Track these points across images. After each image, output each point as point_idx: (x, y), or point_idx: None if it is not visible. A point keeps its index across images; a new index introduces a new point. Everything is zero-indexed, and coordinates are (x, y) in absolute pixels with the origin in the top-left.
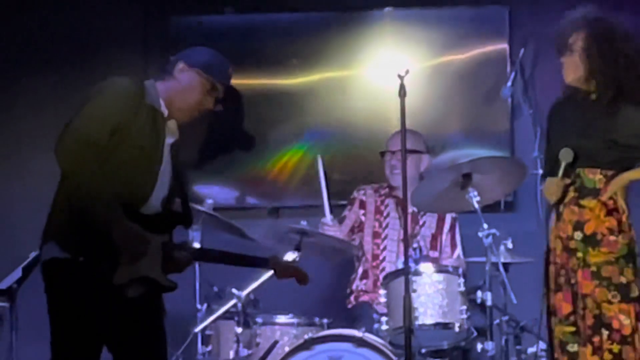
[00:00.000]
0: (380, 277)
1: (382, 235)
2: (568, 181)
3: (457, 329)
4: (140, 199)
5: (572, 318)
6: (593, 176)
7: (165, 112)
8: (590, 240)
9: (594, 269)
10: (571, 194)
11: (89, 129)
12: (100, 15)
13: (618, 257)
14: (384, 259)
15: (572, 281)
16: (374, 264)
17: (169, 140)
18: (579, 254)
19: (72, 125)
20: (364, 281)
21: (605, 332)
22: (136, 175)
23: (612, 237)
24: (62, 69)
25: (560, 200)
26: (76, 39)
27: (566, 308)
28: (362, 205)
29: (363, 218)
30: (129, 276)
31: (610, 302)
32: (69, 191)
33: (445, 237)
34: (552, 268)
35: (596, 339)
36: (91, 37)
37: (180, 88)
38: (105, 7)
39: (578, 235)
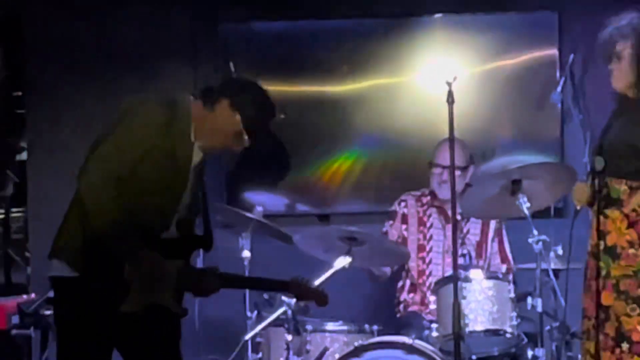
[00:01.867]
0: (428, 294)
1: (427, 248)
2: (595, 188)
3: (507, 336)
4: (162, 226)
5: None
6: (619, 186)
7: (193, 137)
8: (611, 252)
9: (613, 281)
10: (599, 202)
11: (113, 163)
12: (148, 25)
13: (636, 271)
14: (430, 274)
15: (593, 289)
16: (420, 280)
17: (195, 160)
18: (602, 264)
19: (97, 155)
20: (411, 295)
21: (625, 345)
22: (159, 202)
23: (631, 250)
24: (110, 81)
25: (590, 205)
26: (124, 50)
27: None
28: (404, 219)
29: (405, 233)
30: (140, 303)
31: (629, 316)
32: (84, 215)
33: (490, 243)
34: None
35: (617, 350)
36: (139, 47)
37: (215, 125)
38: (153, 16)
39: (601, 245)
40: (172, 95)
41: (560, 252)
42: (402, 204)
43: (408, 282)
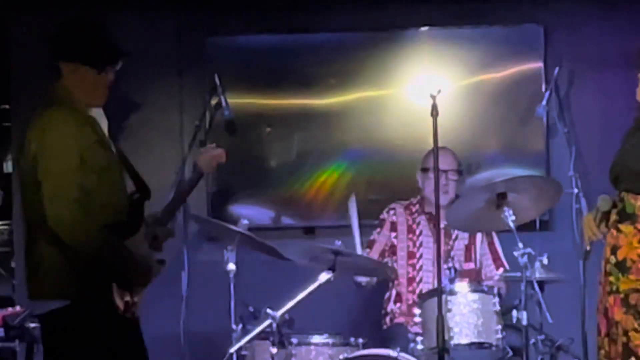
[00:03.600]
0: (415, 301)
1: (417, 255)
2: (604, 229)
3: (493, 349)
4: (122, 211)
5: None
6: (634, 201)
7: (89, 111)
8: (621, 266)
9: (622, 296)
10: (613, 216)
11: (69, 186)
12: (135, 36)
13: None
14: (420, 280)
15: (607, 305)
16: (410, 288)
17: (105, 129)
18: (612, 278)
19: (48, 189)
20: (398, 305)
21: None
22: (111, 192)
23: None
24: None
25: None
26: None
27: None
28: (394, 227)
29: (395, 241)
30: (142, 297)
31: (637, 331)
32: (61, 245)
33: (479, 245)
34: (599, 288)
35: None
36: (124, 59)
37: (81, 86)
38: (140, 27)
39: (612, 259)
40: (51, 93)
41: (545, 261)
42: (391, 212)
43: (394, 292)
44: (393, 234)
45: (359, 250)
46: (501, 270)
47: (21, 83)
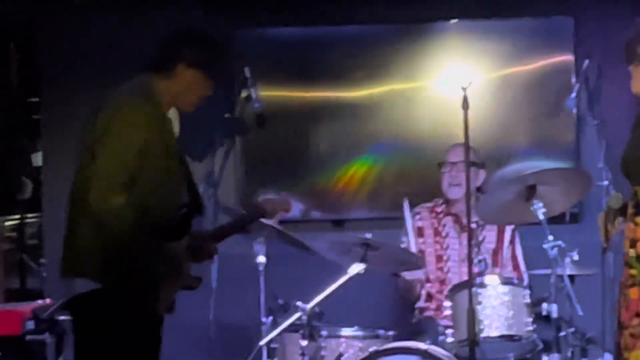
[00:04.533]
0: (444, 302)
1: (445, 257)
2: (616, 227)
3: (523, 341)
4: (170, 214)
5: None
6: None
7: (166, 112)
8: None
9: None
10: (630, 209)
11: (117, 171)
12: (164, 30)
13: None
14: (448, 282)
15: (628, 298)
16: (439, 289)
17: (175, 133)
18: (633, 271)
19: (99, 167)
20: (427, 304)
21: None
22: (164, 193)
23: None
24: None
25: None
26: (139, 55)
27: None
28: (420, 232)
29: (423, 247)
30: (172, 297)
31: None
32: (98, 227)
33: (506, 251)
34: (620, 281)
35: None
36: (153, 53)
37: (182, 88)
38: (169, 21)
39: (632, 252)
40: (136, 81)
41: (575, 257)
42: (417, 217)
43: (424, 292)
44: (420, 240)
45: (413, 249)
46: (516, 273)
47: (51, 76)
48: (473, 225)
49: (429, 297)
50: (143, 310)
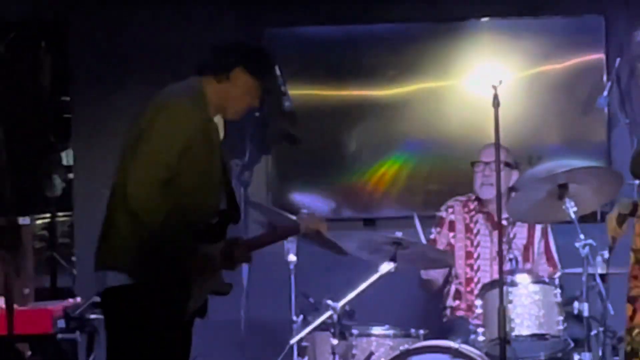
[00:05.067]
0: (475, 302)
1: (475, 255)
2: (624, 230)
3: (554, 340)
4: (207, 217)
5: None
6: None
7: (215, 117)
8: None
9: None
10: None
11: (157, 167)
12: (195, 28)
13: None
14: (478, 281)
15: (636, 294)
16: (468, 288)
17: (219, 139)
18: None
19: (140, 161)
20: (457, 302)
21: None
22: (202, 196)
23: None
24: (157, 84)
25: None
26: (170, 53)
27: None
28: (452, 226)
29: (453, 241)
30: (202, 300)
31: None
32: (135, 220)
33: (537, 246)
34: (629, 278)
35: None
36: (185, 50)
37: (236, 93)
38: (199, 19)
39: None
40: (187, 83)
41: (607, 256)
42: (450, 210)
43: (453, 287)
44: (451, 234)
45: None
46: (552, 270)
47: (81, 75)
48: (504, 222)
49: (459, 295)
50: (173, 309)
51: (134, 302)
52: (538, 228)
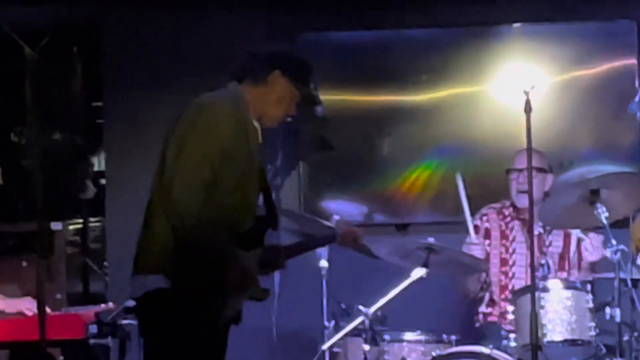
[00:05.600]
0: (507, 308)
1: (510, 262)
2: None
3: (586, 346)
4: (245, 222)
5: None
6: None
7: (255, 122)
8: None
9: None
10: None
11: (199, 168)
12: (227, 33)
13: None
14: (512, 288)
15: None
16: (502, 295)
17: (257, 144)
18: None
19: (181, 162)
20: (490, 309)
21: None
22: (240, 199)
23: None
24: (189, 89)
25: None
26: (203, 58)
27: None
28: (487, 234)
29: (488, 248)
30: (239, 305)
31: None
32: (175, 223)
33: (572, 255)
34: None
35: None
36: (218, 55)
37: (273, 97)
38: (232, 24)
39: None
40: (226, 88)
41: (639, 261)
42: (484, 218)
43: (487, 295)
44: (487, 242)
45: (471, 231)
46: (582, 272)
47: (114, 81)
48: (540, 230)
49: (492, 302)
50: (210, 313)
51: (172, 306)
52: (574, 237)
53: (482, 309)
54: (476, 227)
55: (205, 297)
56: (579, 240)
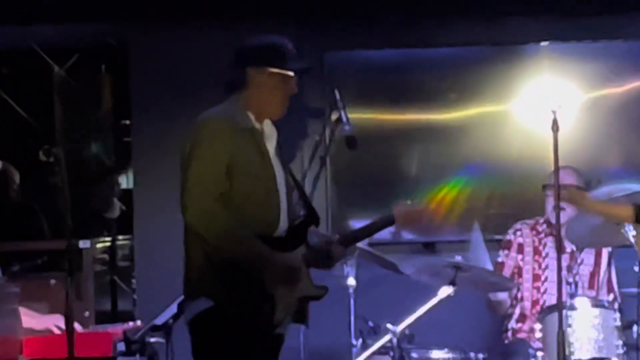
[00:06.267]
0: (536, 326)
1: (542, 278)
2: None
3: None
4: (273, 224)
5: None
6: None
7: (257, 124)
8: None
9: None
10: None
11: (208, 184)
12: None
13: None
14: (544, 303)
15: None
16: (534, 310)
17: (272, 145)
18: None
19: (189, 182)
20: (520, 325)
21: None
22: (261, 203)
23: None
24: (213, 105)
25: None
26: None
27: None
28: (520, 249)
29: (521, 263)
30: (290, 309)
31: None
32: (204, 244)
33: (603, 274)
34: None
35: None
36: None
37: (264, 93)
38: None
39: None
40: (225, 102)
41: None
42: (518, 233)
43: (518, 311)
44: (520, 256)
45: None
46: (611, 295)
47: (141, 99)
48: (572, 247)
49: (523, 318)
50: (259, 322)
51: (219, 323)
52: (605, 256)
53: (512, 324)
54: (509, 242)
55: (249, 306)
56: (610, 259)
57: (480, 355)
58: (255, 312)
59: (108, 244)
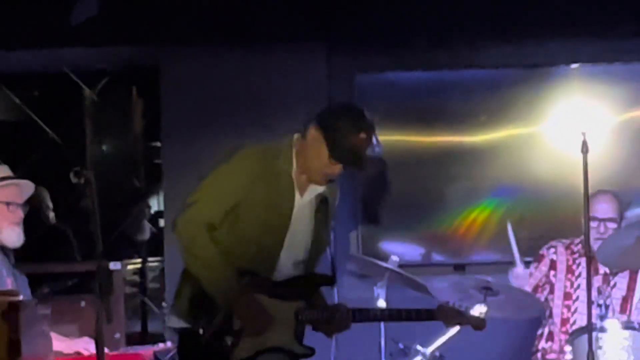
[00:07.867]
0: (566, 349)
1: (574, 297)
2: None
3: None
4: (268, 267)
5: None
6: None
7: (295, 174)
8: None
9: None
10: None
11: (203, 213)
12: (285, 73)
13: None
14: (574, 322)
15: None
16: (563, 329)
17: (307, 197)
18: None
19: (189, 201)
20: (549, 343)
21: None
22: (259, 244)
23: None
24: (244, 129)
25: None
26: (261, 98)
27: None
28: (553, 265)
29: (553, 280)
30: (254, 348)
31: None
32: (188, 266)
33: (637, 300)
34: None
35: None
36: (274, 96)
37: (307, 154)
38: (290, 64)
39: None
40: (278, 140)
41: None
42: (552, 250)
43: (547, 330)
44: (552, 272)
45: (518, 261)
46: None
47: (172, 121)
48: (606, 270)
49: (551, 336)
50: (215, 352)
51: (187, 345)
52: (639, 281)
53: (542, 344)
54: (541, 256)
55: (211, 335)
56: None
57: None
58: (214, 342)
59: (138, 265)
